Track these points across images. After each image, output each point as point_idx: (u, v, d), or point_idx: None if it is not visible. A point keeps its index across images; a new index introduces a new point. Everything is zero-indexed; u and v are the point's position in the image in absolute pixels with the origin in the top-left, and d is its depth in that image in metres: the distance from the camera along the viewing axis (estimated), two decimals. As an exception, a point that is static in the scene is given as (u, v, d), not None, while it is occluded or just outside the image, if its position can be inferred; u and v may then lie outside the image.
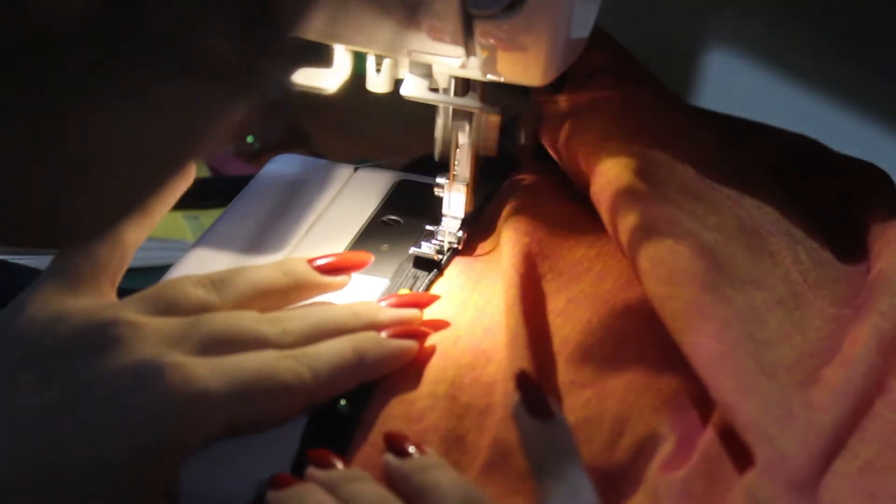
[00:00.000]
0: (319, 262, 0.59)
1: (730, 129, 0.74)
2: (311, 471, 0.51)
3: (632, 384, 0.55)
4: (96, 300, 0.54)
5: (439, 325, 0.59)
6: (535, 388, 0.51)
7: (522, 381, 0.51)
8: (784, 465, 0.48)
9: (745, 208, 0.63)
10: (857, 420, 0.52)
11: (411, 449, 0.51)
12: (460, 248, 0.65)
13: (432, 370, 0.56)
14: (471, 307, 0.61)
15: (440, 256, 0.64)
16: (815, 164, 0.73)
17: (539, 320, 0.59)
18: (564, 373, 0.57)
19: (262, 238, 0.67)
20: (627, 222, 0.58)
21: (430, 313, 0.61)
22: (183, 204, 0.85)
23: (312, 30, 0.59)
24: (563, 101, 0.69)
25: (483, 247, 0.66)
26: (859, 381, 0.53)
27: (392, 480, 0.51)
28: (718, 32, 1.10)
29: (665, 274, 0.55)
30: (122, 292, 0.57)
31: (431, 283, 0.63)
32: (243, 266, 0.58)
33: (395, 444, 0.52)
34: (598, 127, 0.65)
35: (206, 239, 0.67)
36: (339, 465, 0.51)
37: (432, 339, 0.58)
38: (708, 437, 0.52)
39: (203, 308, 0.54)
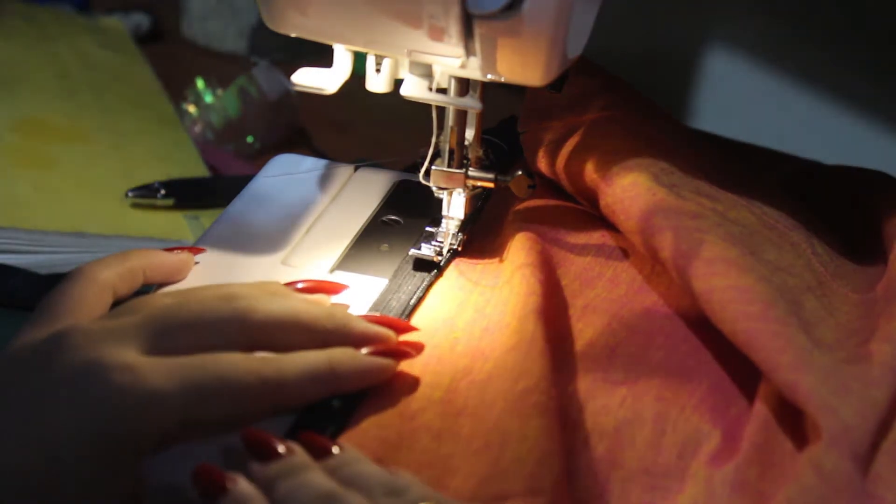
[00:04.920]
0: (298, 287, 0.59)
1: (732, 148, 0.75)
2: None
3: (665, 382, 0.56)
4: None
5: (416, 347, 0.57)
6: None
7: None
8: (848, 436, 0.49)
9: (759, 207, 0.64)
10: None
11: (281, 449, 0.50)
12: (460, 249, 0.65)
13: (428, 376, 0.56)
14: (469, 307, 0.61)
15: (440, 258, 0.64)
16: (820, 179, 0.73)
17: (562, 325, 0.59)
18: (595, 372, 0.57)
19: (263, 238, 0.67)
20: (651, 221, 0.59)
21: (427, 312, 0.61)
22: (183, 204, 0.86)
23: (312, 30, 0.59)
24: (559, 126, 0.69)
25: (486, 251, 0.66)
26: None
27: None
28: (717, 34, 1.10)
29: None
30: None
31: (431, 284, 0.63)
32: (215, 283, 0.57)
33: (258, 446, 0.50)
34: (606, 143, 0.66)
35: (206, 239, 0.67)
36: (336, 449, 0.51)
37: (429, 346, 0.57)
38: (753, 428, 0.52)
39: None
